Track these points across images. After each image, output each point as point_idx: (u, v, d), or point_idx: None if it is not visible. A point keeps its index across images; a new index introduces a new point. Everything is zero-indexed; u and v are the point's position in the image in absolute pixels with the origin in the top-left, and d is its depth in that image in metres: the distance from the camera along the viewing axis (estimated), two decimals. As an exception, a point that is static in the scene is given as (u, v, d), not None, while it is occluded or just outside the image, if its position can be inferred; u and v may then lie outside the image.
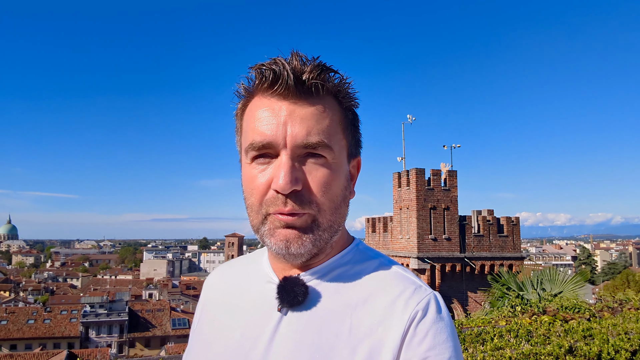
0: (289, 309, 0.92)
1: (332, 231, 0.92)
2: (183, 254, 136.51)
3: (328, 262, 0.96)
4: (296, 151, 0.87)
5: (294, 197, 0.86)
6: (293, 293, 0.91)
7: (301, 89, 0.88)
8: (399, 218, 21.30)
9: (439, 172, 21.04)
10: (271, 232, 0.89)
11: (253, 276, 1.03)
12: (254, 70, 0.91)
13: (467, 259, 20.53)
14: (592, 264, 79.53)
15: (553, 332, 4.35)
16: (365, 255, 1.00)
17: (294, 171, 0.85)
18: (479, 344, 4.09)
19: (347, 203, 0.96)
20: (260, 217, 0.90)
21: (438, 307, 0.89)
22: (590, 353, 3.60)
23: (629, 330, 4.35)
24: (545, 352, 3.57)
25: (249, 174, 0.91)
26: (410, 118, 23.95)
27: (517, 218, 22.36)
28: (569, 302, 7.22)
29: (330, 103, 0.91)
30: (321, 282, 0.94)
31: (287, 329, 0.90)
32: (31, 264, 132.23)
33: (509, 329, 4.49)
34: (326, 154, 0.89)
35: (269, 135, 0.87)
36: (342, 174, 0.93)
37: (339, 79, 0.92)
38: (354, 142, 0.98)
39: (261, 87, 0.90)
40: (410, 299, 0.88)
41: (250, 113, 0.92)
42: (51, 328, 47.24)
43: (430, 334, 0.84)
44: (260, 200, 0.89)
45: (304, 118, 0.87)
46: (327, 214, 0.89)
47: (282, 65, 0.87)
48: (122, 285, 75.44)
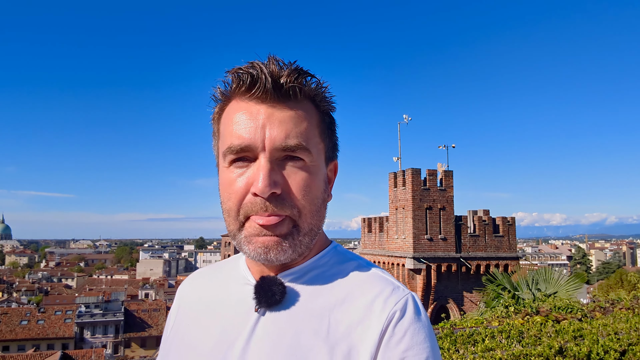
0: (266, 309, 0.91)
1: (312, 235, 0.92)
2: (179, 253, 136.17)
3: (306, 263, 0.96)
4: (275, 154, 0.87)
5: (273, 200, 0.86)
6: (270, 292, 0.90)
7: (279, 93, 0.88)
8: (395, 218, 21.33)
9: (435, 172, 21.07)
10: (249, 239, 0.88)
11: (230, 279, 1.03)
12: (231, 74, 0.90)
13: (463, 259, 20.58)
14: (587, 264, 79.83)
15: (544, 332, 4.37)
16: (343, 257, 1.00)
17: (273, 174, 0.85)
18: (470, 345, 4.11)
19: (326, 206, 0.96)
20: (237, 223, 0.89)
21: (416, 307, 0.89)
22: (580, 354, 3.63)
23: (618, 331, 4.39)
24: (536, 352, 3.59)
25: (226, 178, 0.90)
26: (407, 118, 24.01)
27: (512, 218, 22.42)
28: (562, 302, 7.26)
29: (307, 107, 0.92)
30: (299, 283, 0.94)
31: (265, 330, 0.89)
32: (25, 264, 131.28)
33: (501, 330, 4.52)
34: (305, 157, 0.89)
35: (247, 139, 0.86)
36: (321, 177, 0.93)
37: (315, 83, 0.92)
38: (331, 146, 0.99)
39: (238, 91, 0.90)
40: (388, 299, 0.88)
41: (228, 117, 0.92)
42: (45, 329, 46.87)
43: (409, 334, 0.85)
44: (238, 205, 0.88)
45: (282, 121, 0.87)
46: (307, 217, 0.89)
47: (259, 68, 0.87)
48: (118, 285, 75.25)
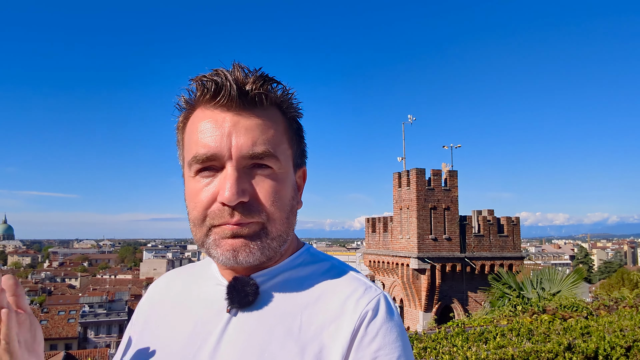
0: (238, 310, 0.91)
1: (281, 240, 0.90)
2: (183, 253, 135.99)
3: (279, 264, 0.95)
4: (242, 162, 0.85)
5: (240, 208, 0.85)
6: (244, 293, 0.90)
7: (245, 100, 0.86)
8: (399, 218, 21.39)
9: (439, 172, 21.07)
10: (217, 242, 0.87)
11: (201, 280, 1.02)
12: (195, 82, 0.89)
13: (468, 259, 20.63)
14: (589, 263, 79.69)
15: (553, 330, 4.54)
16: (316, 258, 1.00)
17: (240, 182, 0.84)
18: (482, 343, 4.29)
19: (295, 213, 0.95)
20: (204, 229, 0.88)
21: (388, 307, 0.89)
22: (587, 350, 3.81)
23: (623, 328, 4.55)
24: (546, 349, 3.77)
25: (192, 187, 0.89)
26: (411, 118, 24.10)
27: (517, 218, 22.41)
28: (568, 301, 7.42)
29: (274, 114, 0.91)
30: (271, 283, 0.94)
31: (236, 330, 0.89)
32: (28, 264, 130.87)
33: (511, 328, 4.69)
34: (272, 164, 0.88)
35: (213, 147, 0.85)
36: (289, 184, 0.92)
37: (281, 89, 0.91)
38: (299, 152, 0.98)
39: (203, 99, 0.88)
40: (360, 299, 0.89)
41: (193, 125, 0.90)
42: (48, 329, 46.53)
43: (381, 333, 0.85)
44: (203, 214, 0.87)
45: (248, 129, 0.86)
46: (276, 224, 0.88)
47: (224, 76, 0.86)
48: (122, 285, 75.26)
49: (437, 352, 3.87)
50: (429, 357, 3.81)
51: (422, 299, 20.12)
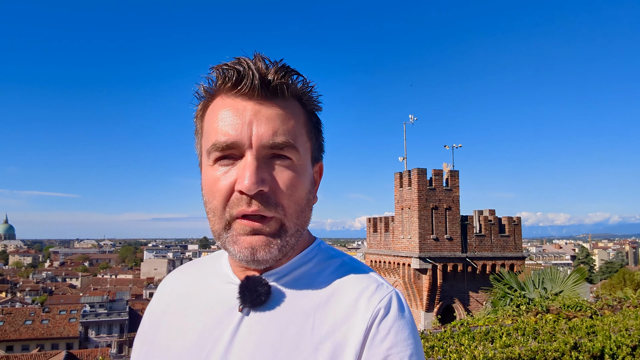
0: (250, 309, 0.90)
1: (298, 236, 0.90)
2: (183, 253, 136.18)
3: (290, 262, 0.94)
4: (262, 151, 0.84)
5: (259, 198, 0.84)
6: (256, 293, 0.89)
7: (266, 90, 0.86)
8: (400, 218, 21.42)
9: (440, 172, 21.10)
10: (234, 239, 0.86)
11: (212, 277, 1.00)
12: (216, 70, 0.88)
13: (469, 258, 20.65)
14: (591, 263, 79.70)
15: (558, 329, 4.55)
16: (327, 255, 0.99)
17: (260, 171, 0.83)
18: (488, 342, 4.29)
19: (311, 207, 0.94)
20: (223, 222, 0.86)
21: (400, 304, 0.89)
22: (594, 349, 3.82)
23: (629, 327, 4.56)
24: (552, 348, 3.77)
25: (210, 176, 0.87)
26: (412, 118, 24.09)
27: (518, 218, 22.42)
28: (571, 300, 7.43)
29: (294, 105, 0.90)
30: (283, 282, 0.93)
31: (249, 329, 0.88)
32: (29, 264, 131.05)
33: (516, 327, 4.70)
34: (292, 156, 0.87)
35: (233, 135, 0.84)
36: (307, 177, 0.91)
37: (302, 82, 0.91)
38: (317, 146, 0.97)
39: (224, 87, 0.88)
40: (372, 297, 0.88)
41: (213, 113, 0.89)
42: (49, 329, 46.53)
43: (392, 331, 0.85)
44: (223, 204, 0.85)
45: (269, 118, 0.85)
46: (293, 218, 0.88)
47: (247, 65, 0.85)
48: (123, 285, 75.33)
49: (445, 351, 3.88)
50: (436, 355, 3.82)
51: (423, 298, 20.14)
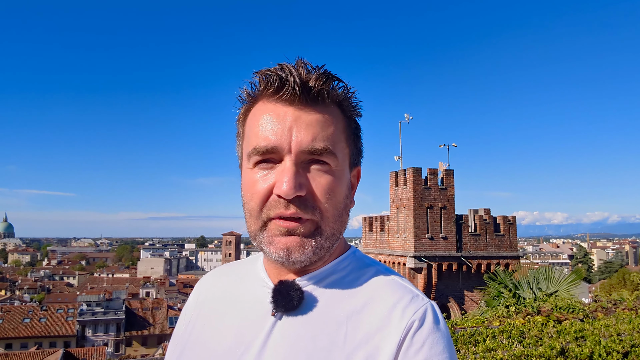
0: (283, 314, 0.90)
1: (334, 239, 0.91)
2: (180, 252, 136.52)
3: (325, 267, 0.94)
4: (301, 157, 0.86)
5: (297, 202, 0.85)
6: (288, 297, 0.89)
7: (307, 96, 0.87)
8: (396, 217, 21.32)
9: (436, 171, 21.07)
10: (270, 239, 0.87)
11: (247, 280, 1.02)
12: (259, 76, 0.90)
13: (464, 257, 20.57)
14: (589, 263, 79.75)
15: (546, 333, 4.34)
16: (362, 263, 0.99)
17: (298, 177, 0.84)
18: (471, 345, 4.08)
19: (348, 212, 0.95)
20: (259, 222, 0.88)
21: (435, 317, 0.87)
22: (581, 355, 3.59)
23: (621, 332, 4.34)
24: (537, 353, 3.56)
25: (250, 178, 0.89)
26: (408, 117, 23.96)
27: (513, 217, 22.41)
28: (564, 302, 7.22)
29: (334, 111, 0.91)
30: (317, 288, 0.93)
31: (281, 334, 0.88)
32: (27, 262, 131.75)
33: (502, 330, 4.49)
34: (330, 161, 0.88)
35: (273, 140, 0.86)
36: (345, 182, 0.92)
37: (343, 88, 0.92)
38: (356, 151, 0.98)
39: (266, 93, 0.89)
40: (407, 308, 0.87)
41: (254, 118, 0.91)
42: (47, 327, 47.09)
43: (427, 344, 0.83)
44: (260, 205, 0.87)
45: (309, 124, 0.86)
46: (330, 222, 0.88)
47: (288, 71, 0.87)
48: (119, 284, 75.35)
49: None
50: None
51: (418, 298, 20.02)
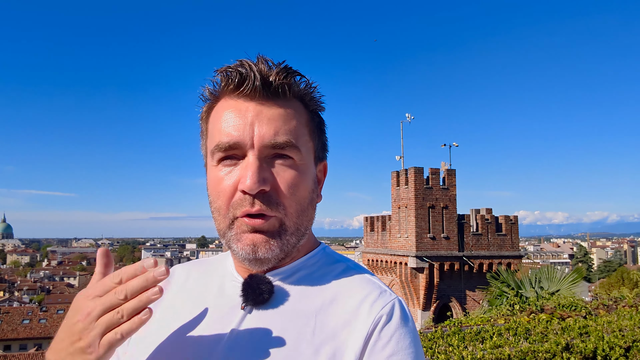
0: (253, 307, 0.91)
1: (299, 235, 0.91)
2: (181, 252, 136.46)
3: (294, 263, 0.96)
4: (264, 151, 0.87)
5: (261, 197, 0.86)
6: (259, 290, 0.90)
7: (268, 91, 0.88)
8: (397, 217, 21.40)
9: (437, 170, 21.14)
10: (238, 236, 0.88)
11: (217, 275, 1.02)
12: (220, 73, 0.91)
13: (466, 257, 20.66)
14: (589, 262, 79.89)
15: (550, 330, 4.48)
16: (331, 259, 1.00)
17: (261, 171, 0.85)
18: (478, 342, 4.21)
19: (314, 206, 0.96)
20: (227, 221, 0.89)
21: (403, 312, 0.89)
22: (586, 350, 3.74)
23: (623, 328, 4.48)
24: (543, 349, 3.70)
25: (214, 176, 0.90)
26: (409, 117, 24.10)
27: (515, 217, 22.47)
28: (566, 300, 7.36)
29: (296, 106, 0.92)
30: (287, 283, 0.94)
31: (250, 327, 0.89)
32: (27, 263, 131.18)
33: (508, 328, 4.62)
34: (293, 155, 0.89)
35: (235, 136, 0.87)
36: (310, 177, 0.93)
37: (304, 82, 0.93)
38: (320, 146, 0.99)
39: (227, 89, 0.90)
40: (375, 303, 0.88)
41: (216, 115, 0.92)
42: (47, 328, 46.68)
43: (394, 339, 0.85)
44: (227, 203, 0.88)
45: (271, 118, 0.87)
46: (293, 217, 0.89)
47: (248, 67, 0.88)
48: (120, 284, 75.18)
49: (433, 352, 3.80)
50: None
51: (420, 297, 20.10)
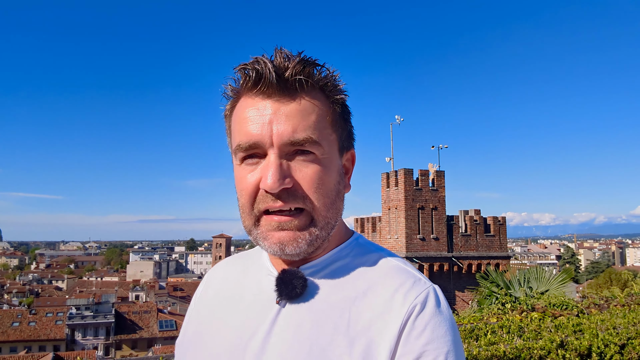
0: (287, 302, 0.91)
1: (329, 228, 0.91)
2: (170, 255, 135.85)
3: (327, 255, 0.96)
4: (284, 149, 0.86)
5: (285, 194, 0.86)
6: (291, 285, 0.90)
7: (285, 86, 0.87)
8: (387, 218, 21.44)
9: (427, 172, 21.25)
10: (264, 235, 0.89)
11: (253, 269, 1.04)
12: (238, 71, 0.91)
13: (455, 258, 20.75)
14: (576, 263, 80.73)
15: (544, 327, 4.45)
16: (364, 249, 1.00)
17: (281, 170, 0.85)
18: (472, 340, 4.17)
19: (342, 197, 0.96)
20: (252, 218, 0.90)
21: (437, 300, 0.88)
22: (581, 347, 3.71)
23: (617, 325, 4.47)
24: (538, 346, 3.66)
25: (239, 175, 0.91)
26: (399, 119, 24.13)
27: (503, 218, 22.65)
28: (557, 299, 7.36)
29: (316, 97, 0.90)
30: (320, 275, 0.94)
31: (285, 322, 0.90)
32: (15, 266, 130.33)
33: (501, 325, 4.59)
34: (315, 150, 0.88)
35: (255, 135, 0.86)
36: (334, 169, 0.92)
37: (324, 72, 0.91)
38: (345, 135, 0.97)
39: (246, 87, 0.90)
40: (408, 293, 0.88)
41: (237, 114, 0.92)
42: (36, 330, 46.73)
43: (429, 327, 0.84)
44: (251, 201, 0.89)
45: (289, 115, 0.86)
46: (322, 211, 0.89)
47: (264, 63, 0.87)
48: (109, 287, 74.81)
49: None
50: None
51: (410, 299, 20.15)
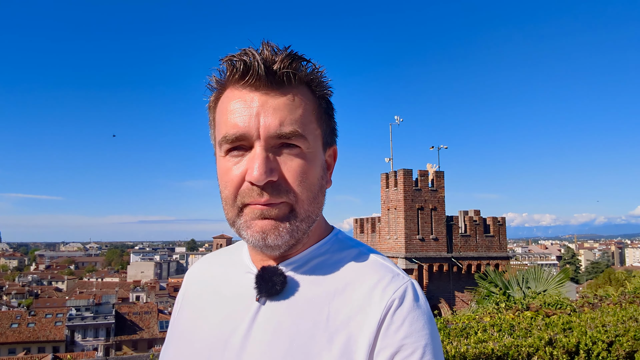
0: (267, 299, 0.92)
1: (310, 221, 0.92)
2: (170, 255, 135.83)
3: (306, 251, 0.96)
4: (270, 142, 0.86)
5: (269, 188, 0.86)
6: (271, 282, 0.91)
7: (272, 79, 0.87)
8: (387, 219, 21.47)
9: (426, 172, 21.26)
10: (247, 223, 0.89)
11: (233, 267, 1.03)
12: (225, 62, 0.90)
13: (454, 258, 20.77)
14: (576, 264, 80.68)
15: (535, 325, 4.51)
16: (344, 245, 1.00)
17: (268, 162, 0.85)
18: (463, 338, 4.23)
19: (324, 192, 0.96)
20: (235, 209, 0.90)
21: (415, 295, 0.89)
22: (568, 344, 3.77)
23: (606, 323, 4.53)
24: (526, 344, 3.72)
25: (223, 167, 0.91)
26: (398, 119, 24.18)
27: (503, 218, 22.65)
28: (552, 298, 7.40)
29: (303, 92, 0.91)
30: (299, 272, 0.94)
31: (265, 319, 0.90)
32: (15, 267, 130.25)
33: (493, 324, 4.64)
34: (300, 144, 0.88)
35: (242, 127, 0.86)
36: (318, 163, 0.93)
37: (311, 67, 0.92)
38: (329, 131, 0.98)
39: (232, 79, 0.90)
40: (387, 287, 0.89)
41: (223, 105, 0.91)
42: (35, 332, 46.67)
43: (407, 322, 0.85)
44: (234, 193, 0.89)
45: (276, 108, 0.87)
46: (304, 204, 0.89)
47: (252, 55, 0.87)
48: (109, 288, 74.69)
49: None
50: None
51: (409, 299, 20.17)
